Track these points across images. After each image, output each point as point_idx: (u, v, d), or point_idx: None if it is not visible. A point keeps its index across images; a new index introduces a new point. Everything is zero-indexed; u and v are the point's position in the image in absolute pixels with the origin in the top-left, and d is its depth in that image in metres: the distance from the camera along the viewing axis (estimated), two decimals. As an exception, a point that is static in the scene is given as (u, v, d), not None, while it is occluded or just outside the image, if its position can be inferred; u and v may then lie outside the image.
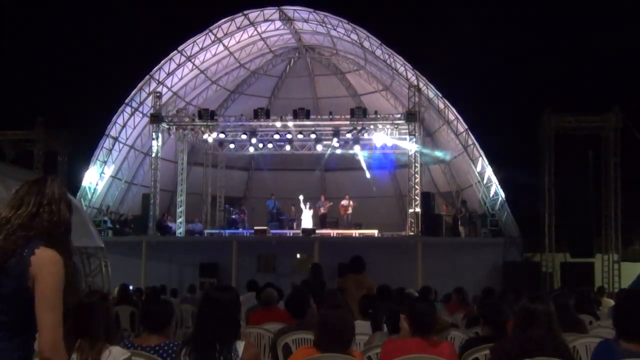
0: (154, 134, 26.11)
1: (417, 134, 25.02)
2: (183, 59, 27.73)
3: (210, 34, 27.44)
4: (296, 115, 25.36)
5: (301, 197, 26.44)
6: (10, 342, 3.06)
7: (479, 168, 26.63)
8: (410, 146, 25.35)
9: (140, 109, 27.50)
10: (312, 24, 27.80)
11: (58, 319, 3.09)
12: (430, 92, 26.46)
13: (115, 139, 27.46)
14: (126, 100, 27.18)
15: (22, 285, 3.04)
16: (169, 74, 27.72)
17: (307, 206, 25.99)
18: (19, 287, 3.04)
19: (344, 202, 26.80)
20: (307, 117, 25.45)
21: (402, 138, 25.56)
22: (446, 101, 26.57)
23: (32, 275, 3.03)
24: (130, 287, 14.31)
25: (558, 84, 41.46)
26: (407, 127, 25.08)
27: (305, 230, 24.87)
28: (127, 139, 27.96)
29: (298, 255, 23.23)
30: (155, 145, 26.11)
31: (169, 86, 27.96)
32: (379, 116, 25.81)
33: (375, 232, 25.53)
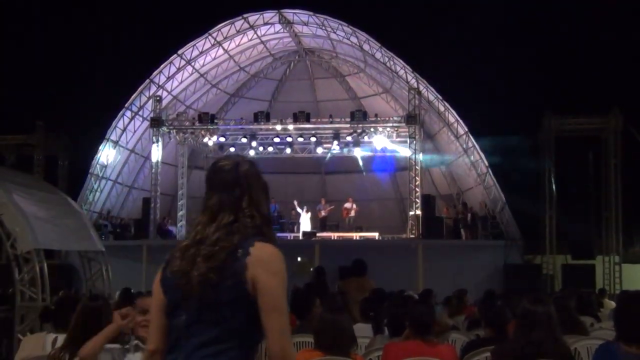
0: (154, 137, 26.13)
1: (417, 137, 25.04)
2: (183, 62, 27.73)
3: (210, 37, 27.43)
4: (296, 118, 25.38)
5: (295, 202, 26.50)
6: (239, 352, 2.75)
7: (479, 170, 26.66)
8: (405, 151, 25.42)
9: (141, 112, 27.51)
10: (311, 27, 27.82)
11: (287, 322, 2.84)
12: (431, 94, 26.46)
13: (116, 143, 27.45)
14: (126, 104, 27.17)
15: (242, 290, 2.72)
16: (169, 78, 27.72)
17: (305, 209, 26.00)
18: (238, 293, 2.73)
19: (347, 205, 26.79)
20: (307, 120, 25.46)
21: (402, 141, 25.58)
22: (446, 104, 26.56)
23: (250, 277, 2.72)
24: (132, 291, 14.31)
25: (558, 86, 41.45)
26: (407, 129, 25.11)
27: (305, 234, 24.89)
28: (127, 143, 27.97)
29: (299, 259, 23.22)
30: (156, 149, 26.15)
31: (169, 90, 27.98)
32: (379, 119, 25.83)
33: (375, 235, 25.54)
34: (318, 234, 24.86)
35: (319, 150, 27.03)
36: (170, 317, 2.84)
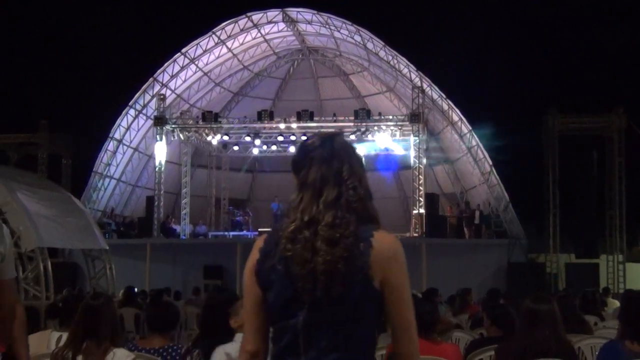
0: (157, 136, 26.12)
1: (420, 135, 25.03)
2: (187, 61, 27.74)
3: (213, 36, 27.47)
4: (300, 117, 25.38)
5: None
6: (364, 356, 2.45)
7: (483, 169, 26.65)
8: (408, 150, 25.45)
9: (144, 111, 27.53)
10: (315, 26, 27.81)
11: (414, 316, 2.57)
12: (434, 93, 26.45)
13: (120, 142, 27.49)
14: (130, 103, 27.22)
15: (370, 287, 2.41)
16: (172, 77, 27.75)
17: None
18: (367, 290, 2.41)
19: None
20: (311, 119, 25.45)
21: (405, 139, 25.56)
22: (450, 102, 26.55)
23: (376, 273, 2.41)
24: (135, 290, 14.36)
25: (562, 85, 41.44)
26: (411, 128, 25.09)
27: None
28: (131, 141, 27.99)
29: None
30: (159, 147, 26.15)
31: (173, 88, 28.00)
32: (382, 117, 25.82)
33: (379, 233, 25.49)
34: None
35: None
36: (280, 315, 2.45)
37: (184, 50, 27.35)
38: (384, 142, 25.82)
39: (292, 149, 27.22)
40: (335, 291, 2.33)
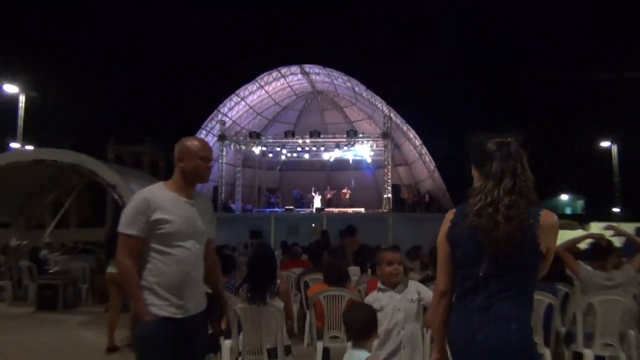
0: (220, 147, 26.30)
1: (389, 147, 25.04)
2: (239, 99, 27.86)
3: (255, 83, 27.59)
4: (311, 135, 25.43)
5: (313, 189, 26.50)
6: (526, 303, 2.30)
7: (429, 169, 26.64)
8: (366, 154, 25.39)
9: (212, 131, 27.59)
10: (321, 76, 27.91)
11: None
12: (398, 119, 26.41)
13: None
14: (202, 126, 27.32)
15: (538, 252, 2.29)
16: (230, 109, 27.85)
17: (317, 193, 26.03)
18: (535, 254, 2.29)
19: (344, 191, 26.94)
20: (318, 136, 25.49)
21: (379, 150, 25.57)
22: (408, 125, 26.54)
23: (542, 241, 2.28)
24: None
25: (480, 113, 41.58)
26: (382, 142, 25.12)
27: (317, 209, 24.91)
28: (203, 150, 28.07)
29: (313, 225, 23.21)
30: (221, 154, 26.28)
31: (230, 117, 28.01)
32: (364, 135, 25.84)
33: (362, 209, 25.52)
34: (325, 209, 24.86)
35: (326, 155, 27.02)
36: (465, 266, 2.34)
37: (237, 92, 27.47)
38: (365, 151, 25.83)
39: (306, 156, 27.28)
40: (512, 252, 2.25)
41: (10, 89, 23.82)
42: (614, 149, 28.67)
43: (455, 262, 2.39)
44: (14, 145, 25.31)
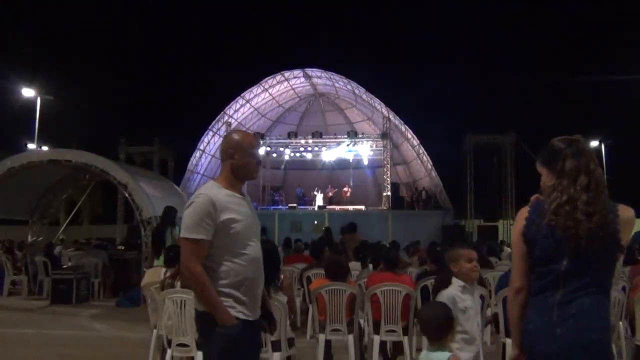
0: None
1: (388, 147, 25.03)
2: (244, 101, 27.82)
3: (260, 86, 27.55)
4: (313, 135, 25.46)
5: (317, 189, 26.53)
6: (605, 299, 2.23)
7: (426, 167, 26.62)
8: (365, 154, 25.33)
9: (218, 132, 27.58)
10: (323, 79, 27.84)
11: None
12: (396, 120, 26.36)
13: (203, 151, 27.62)
14: (209, 127, 27.29)
15: (619, 247, 2.23)
16: (235, 111, 27.82)
17: (319, 191, 26.02)
18: (616, 250, 2.23)
19: (345, 189, 26.92)
20: (320, 137, 25.54)
21: (379, 149, 25.55)
22: (406, 126, 26.48)
23: (622, 236, 2.20)
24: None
25: (475, 115, 41.48)
26: (382, 142, 25.10)
27: (319, 207, 24.91)
28: (210, 150, 28.14)
29: (315, 222, 23.22)
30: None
31: (235, 118, 27.99)
32: (364, 136, 25.82)
33: (362, 207, 25.51)
34: (327, 207, 24.86)
35: (327, 155, 27.01)
36: (544, 263, 2.25)
37: (242, 94, 27.42)
38: (365, 151, 25.80)
39: (309, 156, 27.27)
40: (595, 248, 2.16)
41: (28, 92, 23.86)
42: (603, 148, 28.73)
43: (532, 259, 2.30)
44: (31, 146, 25.36)
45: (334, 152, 26.53)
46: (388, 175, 24.95)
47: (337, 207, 25.27)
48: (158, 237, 8.62)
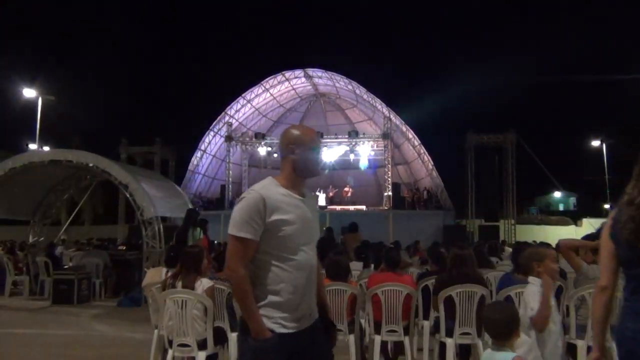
0: (227, 148, 26.36)
1: (389, 147, 25.02)
2: (245, 102, 27.84)
3: (261, 86, 27.58)
4: (314, 135, 25.41)
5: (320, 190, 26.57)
6: None
7: (427, 167, 26.60)
8: (364, 154, 25.37)
9: (219, 132, 27.60)
10: (324, 79, 27.85)
11: None
12: (397, 120, 26.36)
13: (204, 151, 27.63)
14: (210, 127, 27.31)
15: None
16: (236, 111, 27.83)
17: (321, 191, 26.00)
18: None
19: (346, 189, 26.95)
20: (321, 137, 25.44)
21: (380, 149, 25.54)
22: (407, 126, 26.48)
23: None
24: (215, 242, 14.37)
25: (476, 115, 41.51)
26: (383, 142, 25.08)
27: (321, 207, 24.90)
28: (211, 150, 28.13)
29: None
30: (228, 154, 26.31)
31: (236, 118, 28.01)
32: (365, 136, 25.80)
33: (364, 207, 25.50)
34: (329, 207, 24.85)
35: (329, 155, 27.02)
36: (628, 266, 2.20)
37: (243, 95, 27.44)
38: (366, 152, 25.80)
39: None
40: None
41: (29, 93, 23.88)
42: (604, 147, 28.72)
43: (619, 260, 2.25)
44: (32, 146, 25.38)
45: (334, 152, 26.51)
46: (389, 175, 24.95)
47: (339, 207, 25.26)
48: (181, 238, 8.78)
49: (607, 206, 30.45)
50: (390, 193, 24.63)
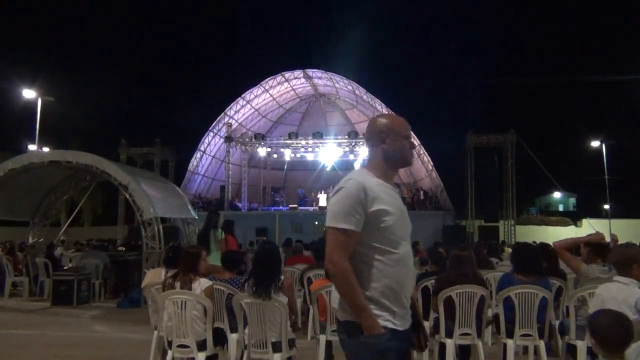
0: (227, 148, 26.33)
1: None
2: (244, 102, 27.84)
3: (260, 87, 27.60)
4: (314, 136, 25.44)
5: (322, 192, 26.48)
6: None
7: (427, 168, 26.59)
8: (364, 154, 25.33)
9: (219, 133, 27.60)
10: (324, 80, 27.87)
11: None
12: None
13: (204, 152, 27.62)
14: (210, 128, 27.32)
15: None
16: (236, 112, 27.84)
17: (322, 192, 25.99)
18: None
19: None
20: (321, 138, 25.50)
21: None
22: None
23: None
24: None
25: (477, 114, 41.51)
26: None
27: (321, 207, 24.88)
28: (211, 151, 28.13)
29: (316, 222, 23.19)
30: (228, 155, 26.30)
31: (236, 119, 28.02)
32: (364, 136, 25.71)
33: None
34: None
35: (329, 155, 27.02)
36: None
37: (242, 95, 27.46)
38: (366, 152, 25.70)
39: (309, 157, 27.26)
40: None
41: (29, 94, 23.87)
42: (604, 147, 28.71)
43: None
44: (32, 147, 25.37)
45: (334, 153, 26.49)
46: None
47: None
48: (203, 239, 8.88)
49: (607, 206, 30.45)
50: (390, 193, 24.64)
